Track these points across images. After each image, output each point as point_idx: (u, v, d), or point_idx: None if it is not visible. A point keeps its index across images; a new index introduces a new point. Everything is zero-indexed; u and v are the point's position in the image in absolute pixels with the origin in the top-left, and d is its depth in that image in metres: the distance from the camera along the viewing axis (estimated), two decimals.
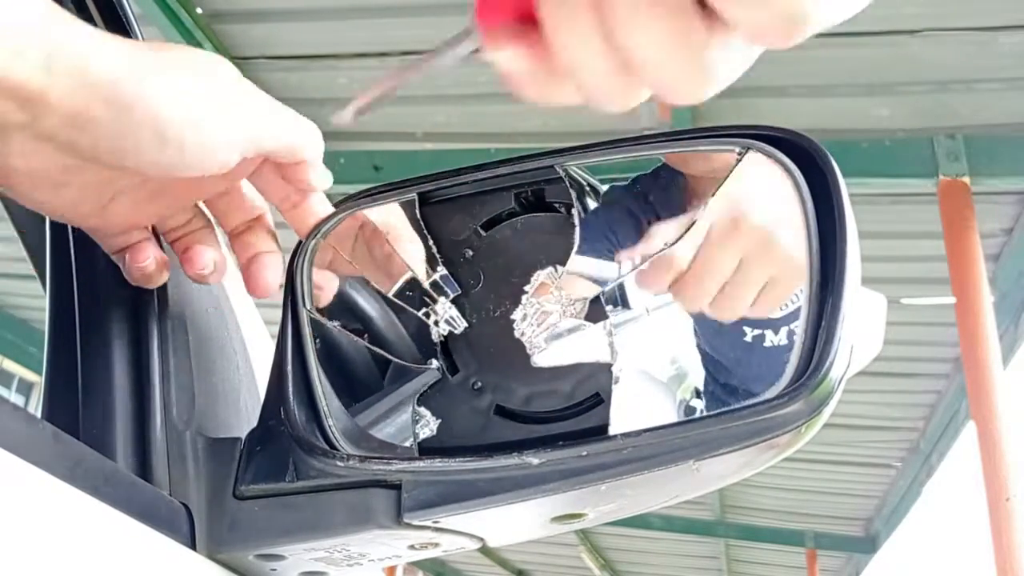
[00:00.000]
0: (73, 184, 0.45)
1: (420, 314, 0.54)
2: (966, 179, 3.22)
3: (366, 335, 0.58)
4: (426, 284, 0.54)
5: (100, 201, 0.47)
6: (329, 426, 0.51)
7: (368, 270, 0.57)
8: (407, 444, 0.51)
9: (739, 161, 0.49)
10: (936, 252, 3.40)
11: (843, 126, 3.35)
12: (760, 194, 0.50)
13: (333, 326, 0.55)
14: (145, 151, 0.42)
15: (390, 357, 0.55)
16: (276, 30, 3.39)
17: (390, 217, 0.56)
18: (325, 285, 0.56)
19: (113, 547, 0.42)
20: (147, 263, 0.51)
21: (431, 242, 0.55)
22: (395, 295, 0.55)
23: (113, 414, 0.53)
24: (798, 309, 0.50)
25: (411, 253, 0.55)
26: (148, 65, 0.42)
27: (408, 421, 0.52)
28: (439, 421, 0.52)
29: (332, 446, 0.50)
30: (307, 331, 0.53)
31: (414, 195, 0.55)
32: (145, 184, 0.48)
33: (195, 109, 0.43)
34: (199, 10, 3.31)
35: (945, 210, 3.23)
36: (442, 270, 0.54)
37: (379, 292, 0.56)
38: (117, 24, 0.61)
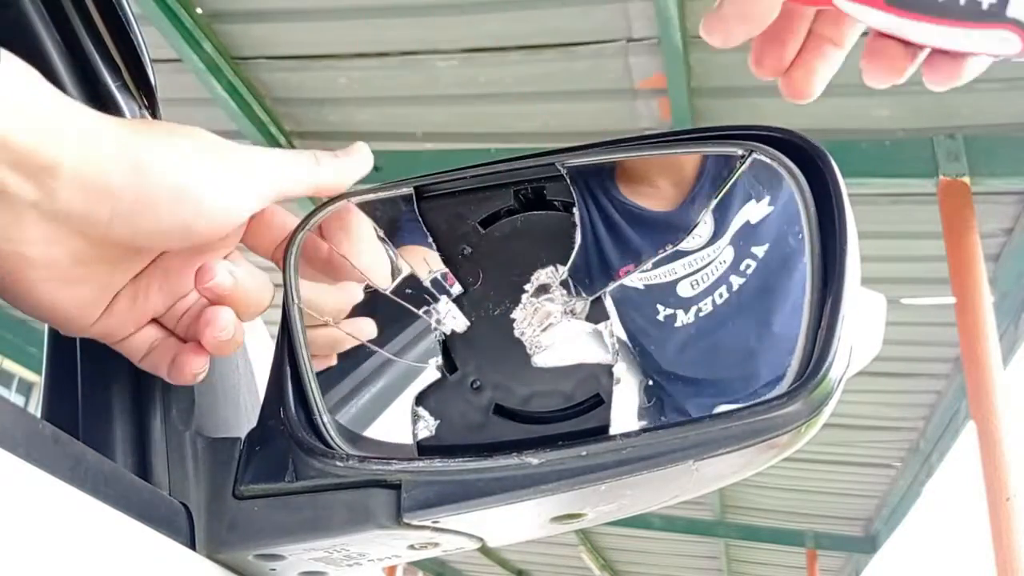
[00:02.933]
0: (82, 279, 0.44)
1: (421, 312, 0.53)
2: (966, 179, 3.22)
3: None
4: (426, 282, 0.54)
5: (103, 301, 0.46)
6: (327, 425, 0.51)
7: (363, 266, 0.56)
8: (406, 443, 0.51)
9: (742, 164, 0.49)
10: (936, 252, 3.40)
11: (843, 126, 3.35)
12: None
13: (325, 321, 0.54)
14: (164, 213, 0.41)
15: (389, 356, 0.54)
16: (276, 30, 3.39)
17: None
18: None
19: (113, 547, 0.42)
20: (198, 371, 0.50)
21: (430, 239, 0.54)
22: (393, 292, 0.54)
23: (113, 414, 0.53)
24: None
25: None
26: (149, 132, 0.42)
27: (400, 418, 0.52)
28: (438, 421, 0.51)
29: (331, 446, 0.49)
30: (297, 326, 0.52)
31: (410, 189, 0.54)
32: (150, 275, 0.48)
33: (206, 165, 0.43)
34: (199, 10, 3.31)
35: (945, 210, 3.23)
36: (442, 268, 0.54)
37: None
38: (117, 24, 0.61)
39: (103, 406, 0.54)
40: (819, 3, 0.48)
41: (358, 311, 0.55)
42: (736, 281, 0.51)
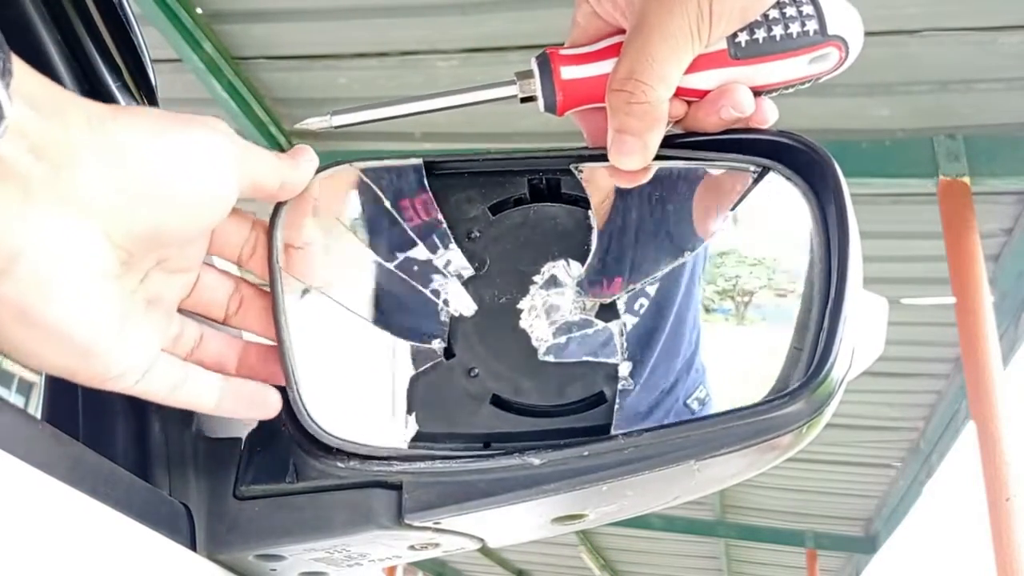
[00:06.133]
0: (101, 294, 0.39)
1: (428, 291, 0.52)
2: (966, 179, 3.22)
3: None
4: (434, 260, 0.52)
5: (119, 323, 0.41)
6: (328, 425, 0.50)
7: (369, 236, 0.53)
8: (404, 439, 0.50)
9: (756, 182, 0.50)
10: (936, 252, 3.40)
11: (843, 126, 3.35)
12: None
13: (317, 293, 0.51)
14: (180, 192, 0.40)
15: (389, 333, 0.52)
16: (276, 30, 3.39)
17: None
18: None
19: (113, 548, 0.42)
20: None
21: (440, 216, 0.52)
22: (398, 267, 0.52)
23: (113, 414, 0.53)
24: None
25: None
26: (143, 114, 0.41)
27: (398, 405, 0.50)
28: (433, 408, 0.50)
29: (332, 447, 0.49)
30: (281, 298, 0.49)
31: (420, 161, 0.53)
32: (150, 287, 0.44)
33: (198, 146, 0.42)
34: (199, 10, 3.31)
35: (945, 210, 3.23)
36: (454, 248, 0.52)
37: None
38: (117, 24, 0.61)
39: (103, 406, 0.54)
40: (694, 95, 0.50)
41: (357, 285, 0.52)
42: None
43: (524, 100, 0.52)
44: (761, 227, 0.51)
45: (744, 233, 0.51)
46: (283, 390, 0.49)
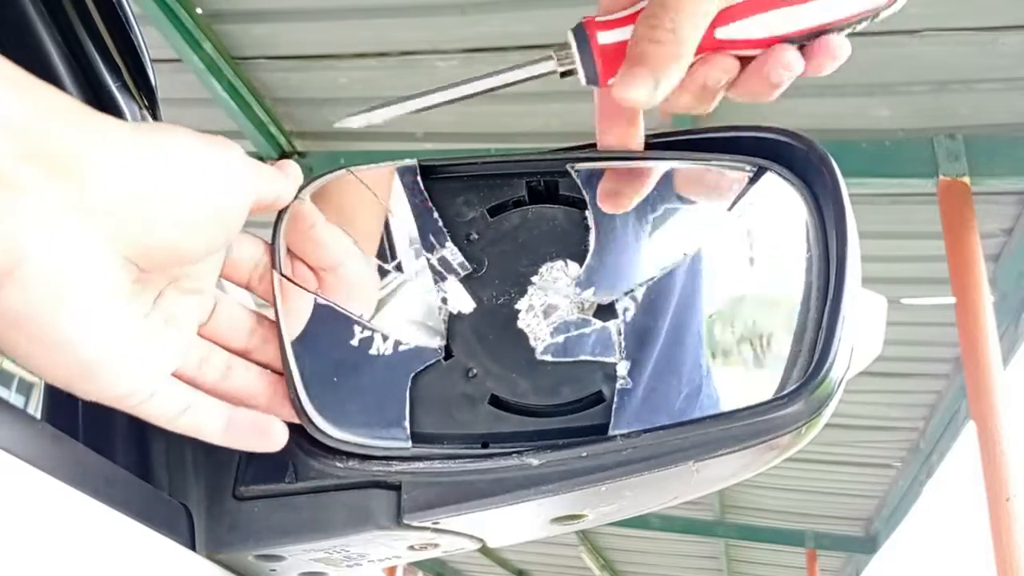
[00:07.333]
0: (116, 312, 0.39)
1: (426, 291, 0.52)
2: (966, 179, 3.22)
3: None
4: (434, 261, 0.52)
5: (133, 340, 0.40)
6: (327, 425, 0.50)
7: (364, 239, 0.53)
8: (403, 439, 0.50)
9: (752, 183, 0.50)
10: (936, 252, 3.40)
11: (843, 126, 3.35)
12: None
13: (314, 293, 0.51)
14: (200, 208, 0.40)
15: (386, 334, 0.51)
16: (276, 30, 3.39)
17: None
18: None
19: (113, 548, 0.42)
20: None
21: (436, 215, 0.53)
22: (396, 268, 0.52)
23: (113, 414, 0.53)
24: None
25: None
26: (151, 128, 0.40)
27: (396, 405, 0.50)
28: (432, 408, 0.50)
29: (331, 447, 0.49)
30: (282, 301, 0.49)
31: (415, 162, 0.53)
32: (165, 307, 0.44)
33: (210, 160, 0.41)
34: (199, 10, 3.31)
35: (945, 210, 3.23)
36: (451, 246, 0.52)
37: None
38: (117, 24, 0.61)
39: (103, 406, 0.54)
40: (744, 46, 0.47)
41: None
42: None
43: (564, 75, 0.50)
44: (760, 227, 0.51)
45: (744, 234, 0.51)
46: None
